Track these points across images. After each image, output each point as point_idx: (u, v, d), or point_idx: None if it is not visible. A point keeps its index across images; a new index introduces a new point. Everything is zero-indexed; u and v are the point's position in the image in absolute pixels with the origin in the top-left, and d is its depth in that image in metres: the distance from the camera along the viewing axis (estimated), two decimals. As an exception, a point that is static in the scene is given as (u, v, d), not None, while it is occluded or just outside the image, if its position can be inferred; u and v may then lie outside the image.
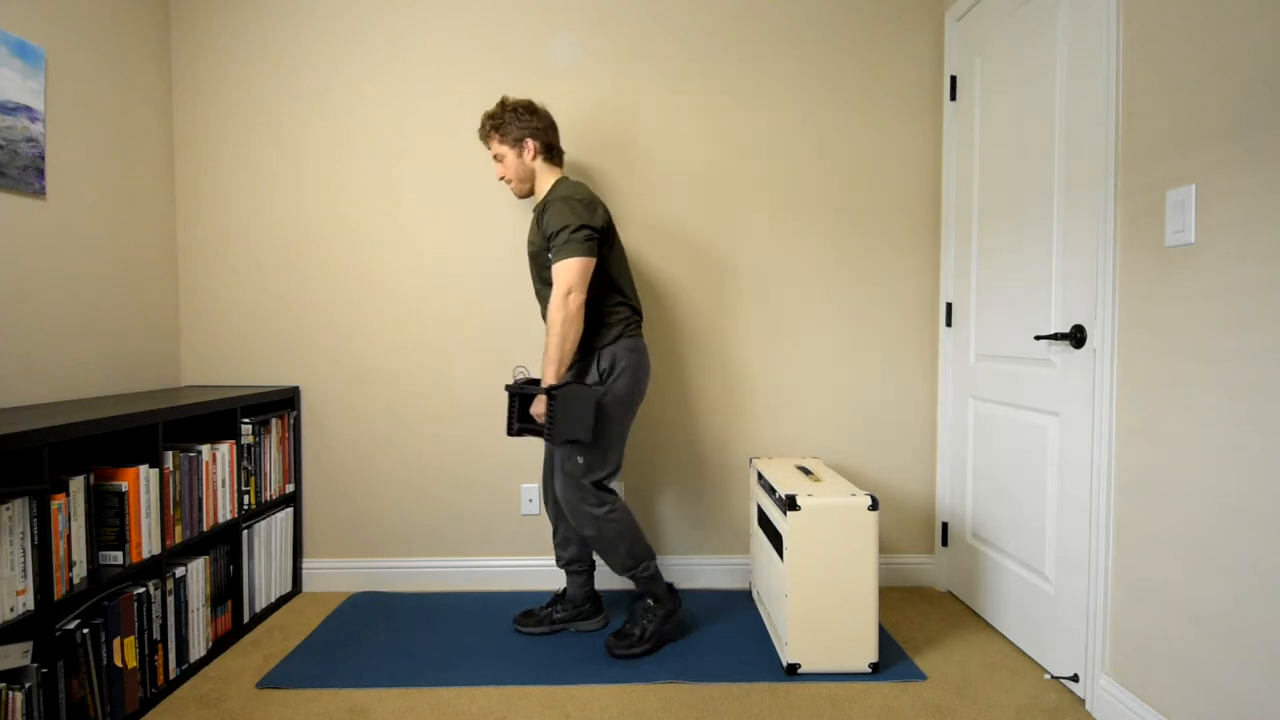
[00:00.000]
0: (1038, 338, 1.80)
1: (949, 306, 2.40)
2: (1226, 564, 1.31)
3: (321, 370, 2.46)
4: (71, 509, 1.52)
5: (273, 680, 1.84)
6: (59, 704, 1.45)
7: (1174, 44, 1.43)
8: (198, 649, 1.92)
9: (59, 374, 1.95)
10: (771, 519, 2.02)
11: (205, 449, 1.96)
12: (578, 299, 1.83)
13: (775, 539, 1.98)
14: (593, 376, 1.94)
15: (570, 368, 1.98)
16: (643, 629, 1.97)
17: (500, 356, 2.45)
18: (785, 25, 2.41)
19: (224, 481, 2.05)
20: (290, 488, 2.42)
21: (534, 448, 2.46)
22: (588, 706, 1.72)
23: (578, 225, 1.84)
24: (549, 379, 1.85)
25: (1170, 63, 1.44)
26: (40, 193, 1.88)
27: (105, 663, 1.59)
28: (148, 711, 1.71)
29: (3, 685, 1.34)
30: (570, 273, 1.83)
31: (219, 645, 2.01)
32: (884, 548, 2.50)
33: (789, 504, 1.85)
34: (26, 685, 1.38)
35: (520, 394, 1.91)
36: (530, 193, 2.06)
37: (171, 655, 1.81)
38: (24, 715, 1.37)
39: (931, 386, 2.47)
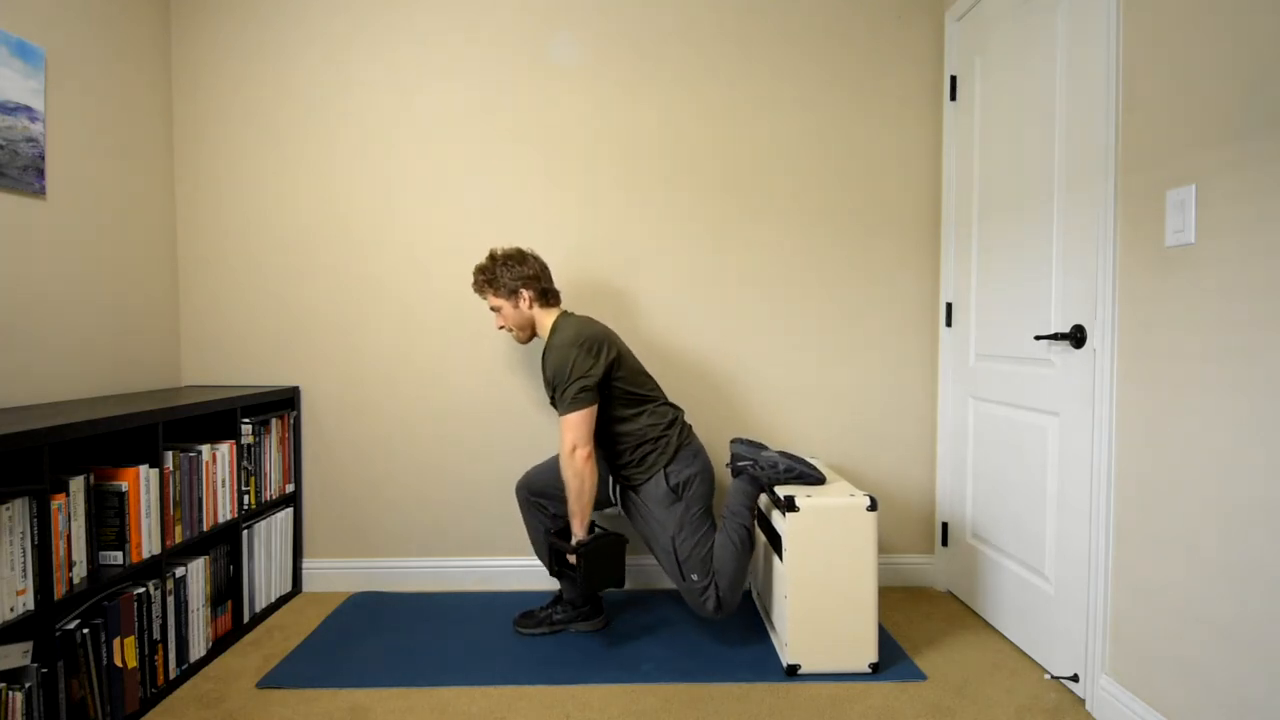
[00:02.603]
0: (1038, 338, 1.80)
1: (949, 306, 2.40)
2: (1227, 563, 1.30)
3: (321, 370, 2.46)
4: (71, 509, 1.52)
5: (273, 680, 1.84)
6: (59, 704, 1.45)
7: (1174, 44, 1.43)
8: (198, 649, 1.92)
9: (59, 374, 1.95)
10: (771, 520, 2.02)
11: (205, 449, 1.96)
12: (583, 453, 1.87)
13: (775, 540, 1.98)
14: (669, 496, 1.96)
15: (635, 487, 2.00)
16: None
17: (500, 356, 2.45)
18: (786, 26, 2.41)
19: (224, 481, 2.05)
20: (290, 488, 2.42)
21: (533, 450, 2.46)
22: (588, 706, 1.72)
23: (572, 379, 1.88)
24: (577, 532, 1.92)
25: (1170, 63, 1.44)
26: (40, 193, 1.88)
27: (105, 663, 1.59)
28: (148, 711, 1.71)
29: (3, 685, 1.34)
30: (570, 429, 1.87)
31: (219, 645, 2.02)
32: (884, 548, 2.50)
33: (788, 505, 1.85)
34: (26, 685, 1.38)
35: (555, 548, 1.99)
36: (533, 337, 2.10)
37: (171, 655, 1.81)
38: (24, 715, 1.37)
39: (931, 386, 2.47)
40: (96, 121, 2.09)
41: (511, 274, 2.00)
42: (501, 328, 2.07)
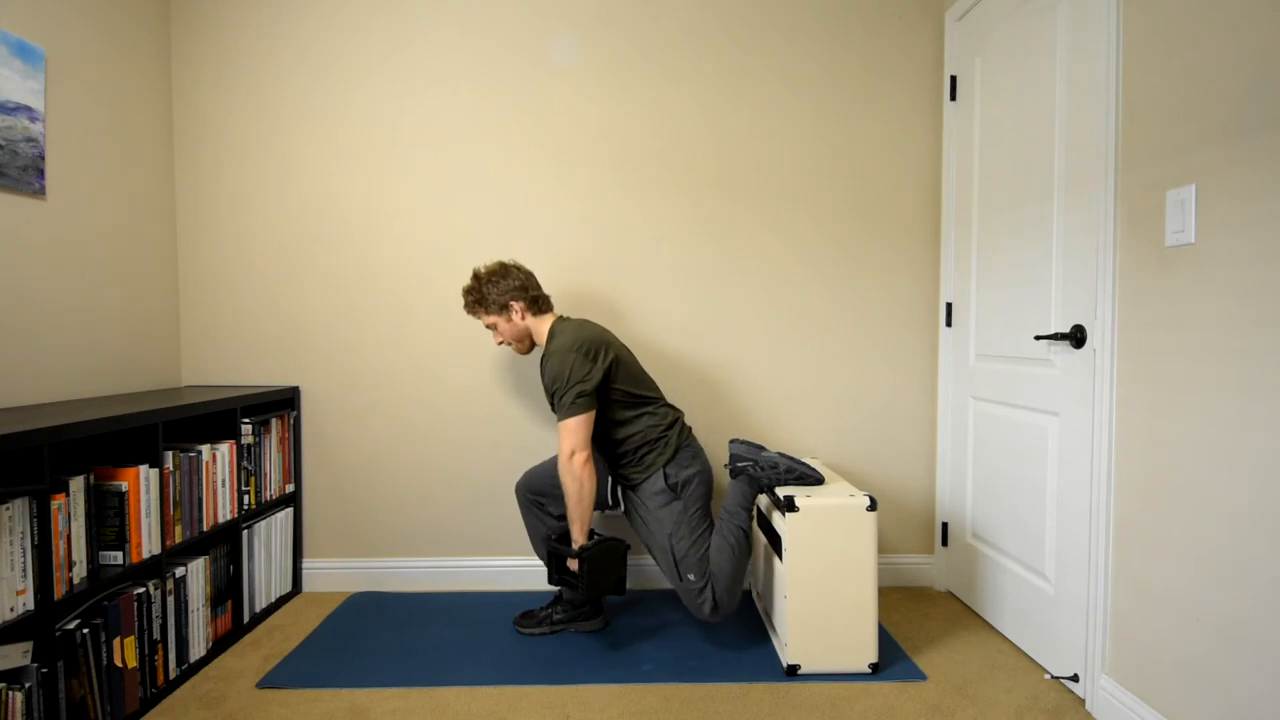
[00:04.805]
0: (1038, 338, 1.80)
1: (949, 306, 2.40)
2: (1227, 563, 1.30)
3: (321, 370, 2.46)
4: (71, 509, 1.52)
5: (273, 680, 1.84)
6: (59, 704, 1.45)
7: (1174, 44, 1.43)
8: (198, 649, 1.92)
9: (59, 374, 1.95)
10: (770, 520, 2.02)
11: (205, 449, 1.96)
12: (580, 457, 1.87)
13: (774, 540, 1.98)
14: (666, 495, 1.96)
15: (633, 486, 2.01)
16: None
17: (499, 356, 2.45)
18: (786, 25, 2.41)
19: (224, 481, 2.05)
20: (290, 488, 2.42)
21: (532, 449, 2.46)
22: (588, 706, 1.72)
23: (569, 385, 1.87)
24: (577, 538, 1.91)
25: (1170, 63, 1.44)
26: (40, 193, 1.88)
27: (105, 663, 1.59)
28: (148, 711, 1.71)
29: (3, 685, 1.34)
30: (568, 434, 1.87)
31: (219, 645, 2.02)
32: (884, 548, 2.50)
33: (787, 505, 1.85)
34: (26, 685, 1.38)
35: (555, 554, 1.97)
36: (533, 347, 2.11)
37: (171, 655, 1.81)
38: (24, 715, 1.37)
39: (931, 386, 2.47)
40: (96, 121, 2.09)
41: (498, 289, 2.00)
42: (501, 343, 2.08)
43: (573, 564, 1.91)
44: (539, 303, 2.05)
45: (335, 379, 2.46)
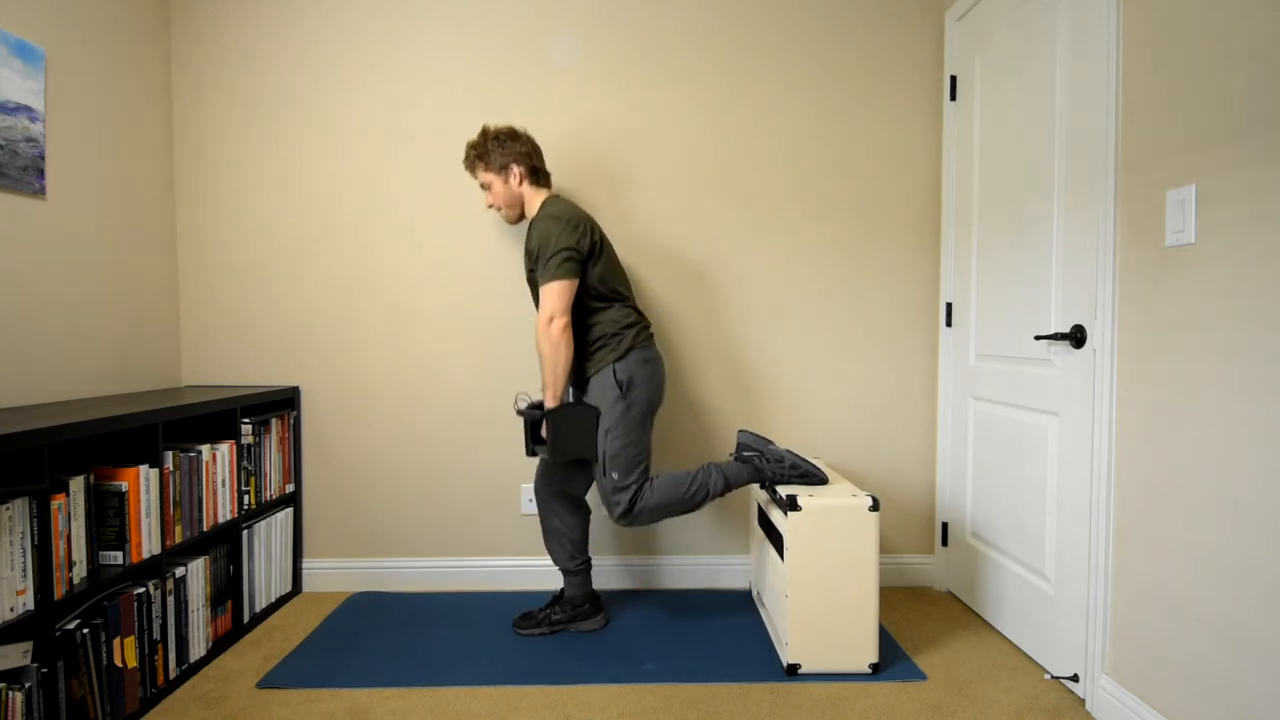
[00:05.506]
0: (1038, 338, 1.80)
1: (949, 306, 2.40)
2: (1227, 564, 1.31)
3: (321, 370, 2.46)
4: (71, 509, 1.52)
5: (273, 680, 1.84)
6: (59, 704, 1.45)
7: (1175, 44, 1.43)
8: (198, 649, 1.92)
9: (59, 374, 1.95)
10: (772, 519, 2.02)
11: (205, 449, 1.96)
12: (560, 323, 1.86)
13: (776, 539, 1.98)
14: (612, 391, 1.94)
15: (584, 382, 2.00)
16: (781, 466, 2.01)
17: (499, 355, 2.45)
18: (787, 26, 2.41)
19: (224, 481, 2.05)
20: (290, 488, 2.42)
21: (534, 448, 2.46)
22: (588, 706, 1.72)
23: (556, 248, 1.86)
24: (548, 402, 1.91)
25: (1171, 63, 1.44)
26: (40, 193, 1.88)
27: (105, 663, 1.59)
28: (148, 711, 1.71)
29: (3, 685, 1.34)
30: (551, 297, 1.86)
31: (219, 645, 2.02)
32: (884, 548, 2.50)
33: (790, 504, 1.85)
34: (26, 685, 1.38)
35: (529, 418, 1.97)
36: (521, 217, 2.09)
37: (171, 655, 1.81)
38: (24, 715, 1.37)
39: (931, 386, 2.47)
40: (96, 122, 2.09)
41: (503, 150, 1.99)
42: (491, 205, 2.07)
43: (545, 429, 1.92)
44: (538, 174, 2.03)
45: (335, 379, 2.46)
